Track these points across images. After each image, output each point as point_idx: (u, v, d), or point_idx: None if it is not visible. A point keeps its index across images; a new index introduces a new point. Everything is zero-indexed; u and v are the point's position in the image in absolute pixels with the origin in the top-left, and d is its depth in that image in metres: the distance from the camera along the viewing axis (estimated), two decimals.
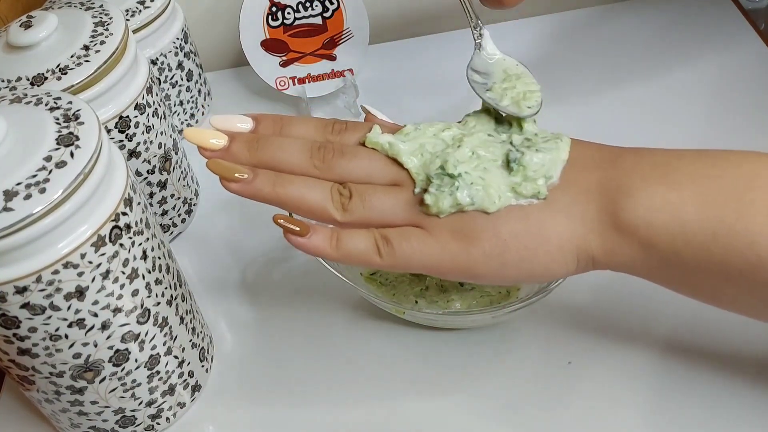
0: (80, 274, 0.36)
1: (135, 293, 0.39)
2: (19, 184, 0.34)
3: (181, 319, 0.44)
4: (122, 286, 0.38)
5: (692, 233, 0.34)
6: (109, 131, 0.48)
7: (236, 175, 0.38)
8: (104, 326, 0.38)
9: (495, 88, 0.42)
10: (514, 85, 0.41)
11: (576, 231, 0.36)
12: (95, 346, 0.38)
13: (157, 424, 0.45)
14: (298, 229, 0.38)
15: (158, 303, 0.41)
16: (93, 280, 0.36)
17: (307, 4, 0.64)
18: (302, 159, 0.40)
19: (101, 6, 0.49)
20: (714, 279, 0.35)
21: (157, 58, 0.61)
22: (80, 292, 0.36)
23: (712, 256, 0.34)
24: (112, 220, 0.36)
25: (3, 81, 0.45)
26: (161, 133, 0.53)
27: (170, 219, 0.57)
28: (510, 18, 0.74)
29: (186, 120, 0.67)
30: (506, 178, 0.38)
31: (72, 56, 0.46)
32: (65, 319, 0.36)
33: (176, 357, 0.44)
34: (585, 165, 0.38)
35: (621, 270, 0.37)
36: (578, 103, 0.63)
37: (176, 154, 0.55)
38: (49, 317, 0.36)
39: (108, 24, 0.48)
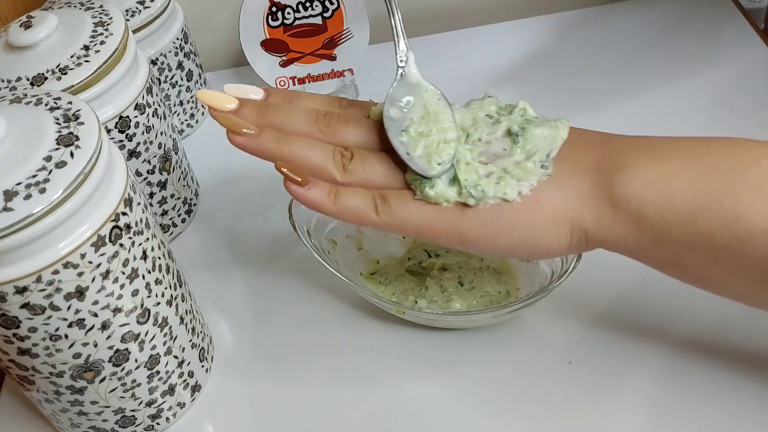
0: (80, 274, 0.36)
1: (135, 293, 0.39)
2: (19, 184, 0.34)
3: (181, 319, 0.44)
4: (122, 286, 0.38)
5: (681, 207, 0.35)
6: (109, 131, 0.48)
7: (243, 129, 0.39)
8: (104, 326, 0.38)
9: (410, 130, 0.39)
10: (431, 130, 0.39)
11: (570, 203, 0.37)
12: (95, 346, 0.38)
13: (157, 424, 0.45)
14: (299, 179, 0.38)
15: (158, 303, 0.41)
16: (93, 280, 0.36)
17: (307, 4, 0.64)
18: (307, 123, 0.41)
19: (101, 6, 0.49)
20: (702, 256, 0.35)
21: (157, 58, 0.61)
22: (80, 292, 0.36)
23: (701, 230, 0.34)
24: (112, 220, 0.36)
25: (3, 81, 0.45)
26: (161, 133, 0.53)
27: (170, 219, 0.57)
28: (510, 18, 0.74)
29: (186, 120, 0.67)
30: (508, 159, 0.38)
31: (72, 56, 0.46)
32: (65, 319, 0.36)
33: (176, 357, 0.44)
34: (583, 144, 0.39)
35: (613, 247, 0.38)
36: (577, 102, 0.63)
37: (176, 154, 0.55)
38: (49, 317, 0.36)
39: (108, 24, 0.48)
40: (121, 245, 0.37)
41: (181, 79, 0.64)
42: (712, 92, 0.63)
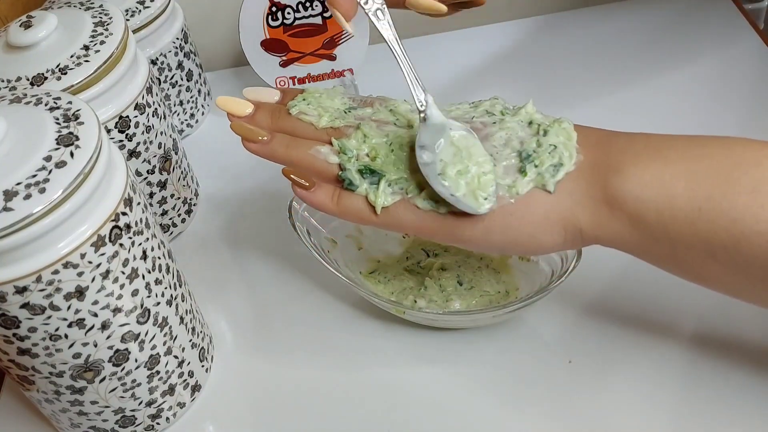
0: (80, 274, 0.36)
1: (135, 293, 0.39)
2: (19, 184, 0.34)
3: (181, 319, 0.44)
4: (122, 286, 0.38)
5: (679, 208, 0.35)
6: (109, 131, 0.48)
7: (258, 137, 0.43)
8: (104, 326, 0.38)
9: (447, 172, 0.39)
10: (467, 167, 0.39)
11: (562, 203, 0.38)
12: (95, 346, 0.38)
13: (157, 424, 0.45)
14: (306, 183, 0.42)
15: (158, 303, 0.41)
16: (93, 280, 0.36)
17: (307, 4, 0.64)
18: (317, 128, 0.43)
19: (101, 6, 0.49)
20: (699, 255, 0.36)
21: (157, 58, 0.61)
22: (80, 292, 0.36)
23: (698, 231, 0.35)
24: (112, 220, 0.36)
25: (3, 81, 0.45)
26: (161, 133, 0.53)
27: (170, 219, 0.57)
28: (509, 18, 0.74)
29: (186, 120, 0.67)
30: (520, 181, 0.39)
31: (72, 56, 0.46)
32: (65, 319, 0.36)
33: (176, 357, 0.44)
34: (581, 146, 0.39)
35: (609, 244, 0.38)
36: (577, 102, 0.63)
37: (176, 154, 0.55)
38: (49, 317, 0.36)
39: (108, 24, 0.48)
40: (121, 245, 0.37)
41: (181, 79, 0.64)
42: (712, 92, 0.63)
